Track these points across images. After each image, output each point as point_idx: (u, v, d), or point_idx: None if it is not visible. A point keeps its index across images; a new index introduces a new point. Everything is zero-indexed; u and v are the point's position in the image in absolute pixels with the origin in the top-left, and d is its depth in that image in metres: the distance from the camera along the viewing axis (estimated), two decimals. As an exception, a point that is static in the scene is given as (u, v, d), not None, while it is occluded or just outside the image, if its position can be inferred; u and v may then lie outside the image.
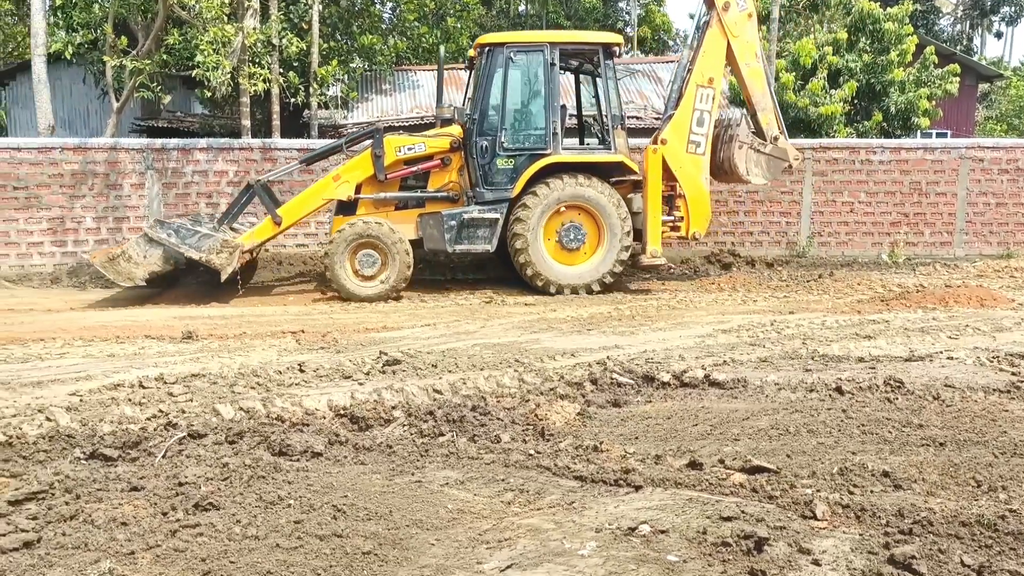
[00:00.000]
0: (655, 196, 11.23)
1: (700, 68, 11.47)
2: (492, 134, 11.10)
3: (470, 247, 11.12)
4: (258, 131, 18.00)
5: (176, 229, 10.53)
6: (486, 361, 6.82)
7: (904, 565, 3.08)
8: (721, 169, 11.90)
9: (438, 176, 11.34)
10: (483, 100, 11.14)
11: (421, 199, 11.30)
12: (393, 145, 11.17)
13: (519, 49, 11.17)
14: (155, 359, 7.00)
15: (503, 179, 11.13)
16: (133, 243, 10.58)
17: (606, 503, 3.83)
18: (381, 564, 3.24)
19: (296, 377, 6.26)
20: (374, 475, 4.22)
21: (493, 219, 11.05)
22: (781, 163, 11.89)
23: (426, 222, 11.14)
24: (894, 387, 5.77)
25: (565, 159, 11.08)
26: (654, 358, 6.84)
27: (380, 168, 11.08)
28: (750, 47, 11.65)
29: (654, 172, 11.19)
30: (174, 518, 3.57)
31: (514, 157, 11.12)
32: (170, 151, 13.55)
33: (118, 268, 10.26)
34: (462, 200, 11.26)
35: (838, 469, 4.16)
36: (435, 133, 11.48)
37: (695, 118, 11.42)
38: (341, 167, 11.32)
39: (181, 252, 10.34)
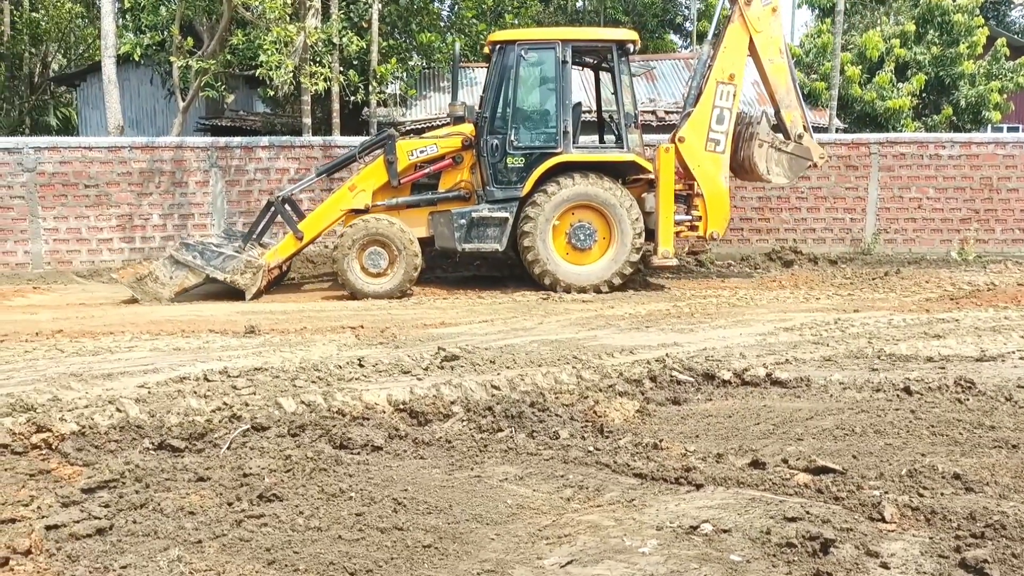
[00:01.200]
0: (667, 196, 11.00)
1: (721, 64, 11.24)
2: (503, 132, 11.02)
3: (480, 246, 11.06)
4: (318, 129, 18.25)
5: (201, 251, 10.74)
6: (544, 357, 6.81)
7: (976, 569, 2.99)
8: (741, 168, 11.68)
9: (450, 175, 11.31)
10: (494, 98, 11.08)
11: (432, 200, 11.28)
12: (405, 150, 11.16)
13: (531, 47, 11.05)
14: (219, 353, 7.14)
15: (513, 178, 11.03)
16: (160, 264, 10.83)
17: (667, 501, 3.79)
18: (441, 557, 3.26)
19: (356, 372, 6.33)
20: (434, 469, 4.25)
21: (503, 218, 10.97)
22: (804, 162, 11.61)
23: (437, 220, 11.12)
24: (965, 387, 5.61)
25: (576, 158, 10.95)
26: (714, 356, 6.76)
27: (394, 174, 11.08)
28: (774, 42, 11.38)
29: (666, 171, 10.97)
30: (239, 508, 3.63)
31: (524, 156, 11.02)
32: (233, 149, 13.82)
33: (145, 288, 10.54)
34: (473, 199, 11.23)
35: (907, 471, 4.06)
36: (446, 132, 11.44)
37: (715, 115, 11.20)
38: (356, 176, 11.34)
39: (206, 273, 10.58)
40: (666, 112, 18.96)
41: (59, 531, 3.38)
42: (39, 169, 13.26)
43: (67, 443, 4.53)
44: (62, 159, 13.35)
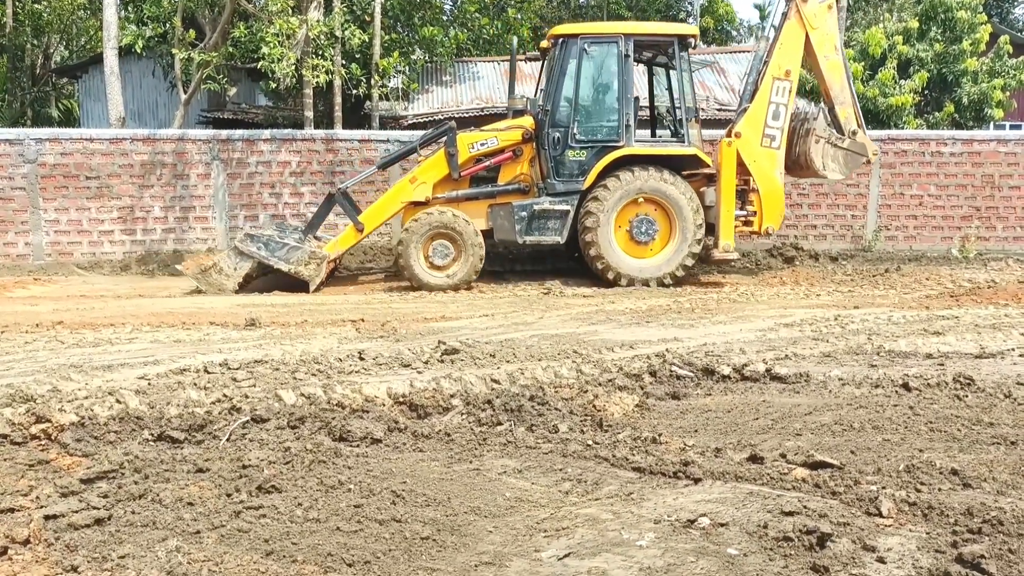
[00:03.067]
0: (729, 190, 11.04)
1: (777, 60, 11.25)
2: (564, 126, 11.05)
3: (540, 238, 11.11)
4: (320, 122, 18.24)
5: (266, 242, 10.80)
6: (544, 352, 6.81)
7: (973, 564, 3.00)
8: (796, 164, 11.67)
9: (509, 168, 11.33)
10: (556, 91, 11.09)
11: (492, 193, 11.30)
12: (466, 142, 11.18)
13: (593, 40, 11.09)
14: (219, 345, 7.15)
15: (575, 171, 11.07)
16: (224, 256, 10.92)
17: (665, 495, 3.80)
18: (439, 549, 3.27)
19: (356, 365, 6.34)
20: (432, 462, 4.26)
21: (564, 211, 11.02)
22: (859, 158, 11.60)
23: (497, 213, 11.16)
24: (964, 384, 5.61)
25: (638, 151, 10.99)
26: (714, 351, 6.76)
27: (455, 167, 11.10)
28: (829, 39, 11.38)
29: (728, 166, 11.01)
30: (238, 499, 3.64)
31: (586, 149, 11.05)
32: (235, 142, 13.82)
33: (210, 279, 10.65)
34: (533, 191, 11.24)
35: (904, 466, 4.06)
36: (507, 125, 11.47)
37: (770, 111, 11.21)
38: (417, 169, 11.36)
39: (271, 265, 10.67)
40: (668, 107, 18.93)
41: (58, 521, 3.39)
42: (40, 160, 13.26)
43: (66, 434, 4.54)
44: (63, 151, 13.35)
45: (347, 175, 13.76)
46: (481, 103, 19.45)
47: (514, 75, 11.96)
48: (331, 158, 13.81)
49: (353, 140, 14.04)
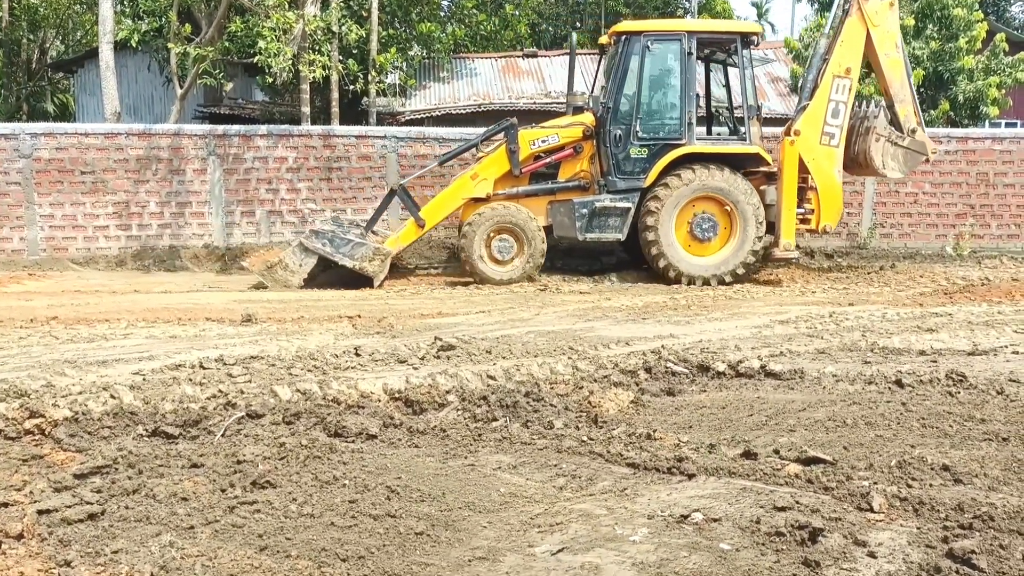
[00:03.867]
0: (791, 189, 11.04)
1: (838, 58, 11.20)
2: (626, 123, 11.08)
3: (601, 235, 11.15)
4: (317, 118, 18.22)
5: (331, 239, 10.89)
6: (540, 348, 6.83)
7: (963, 560, 3.01)
8: (855, 162, 11.62)
9: (569, 165, 11.36)
10: (618, 89, 11.12)
11: (552, 190, 11.35)
12: (527, 139, 11.21)
13: (657, 38, 11.10)
14: (215, 341, 7.15)
15: (636, 168, 11.08)
16: (290, 252, 10.97)
17: (658, 490, 3.81)
18: (433, 545, 3.28)
19: (352, 361, 6.35)
20: (428, 458, 4.27)
21: (625, 208, 11.04)
22: (919, 157, 11.57)
23: (557, 210, 11.19)
24: (956, 381, 5.63)
25: (700, 150, 11.00)
26: (709, 348, 6.78)
27: (516, 163, 11.13)
28: (890, 37, 11.38)
29: (790, 164, 11.00)
30: (232, 495, 3.65)
31: (648, 146, 11.07)
32: (231, 137, 13.80)
33: (275, 276, 10.74)
34: (593, 188, 11.27)
35: (896, 462, 4.08)
36: (568, 122, 11.49)
37: (830, 109, 11.19)
38: (478, 166, 11.37)
39: (335, 261, 10.76)
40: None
41: (51, 516, 3.40)
42: (35, 155, 13.24)
43: (60, 429, 4.54)
44: (58, 145, 13.32)
45: (344, 171, 13.76)
46: (478, 99, 19.45)
47: (573, 71, 12.01)
48: (328, 154, 13.80)
49: (350, 136, 14.03)
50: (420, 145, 13.93)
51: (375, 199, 13.79)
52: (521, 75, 20.75)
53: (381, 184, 13.79)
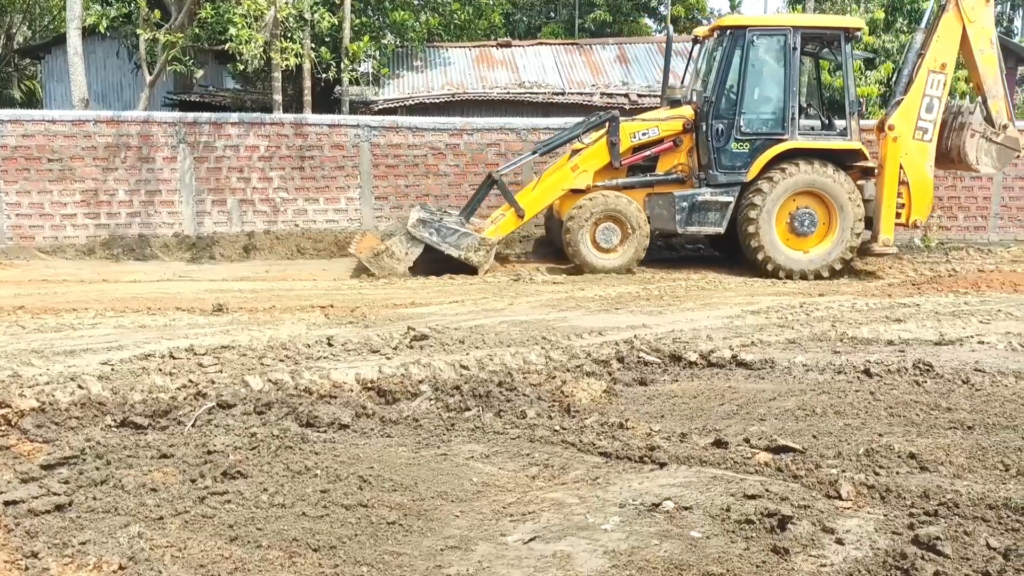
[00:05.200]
0: (891, 184, 11.07)
1: (933, 53, 11.23)
2: (728, 117, 11.08)
3: (700, 228, 11.24)
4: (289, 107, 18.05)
5: (437, 228, 10.93)
6: (513, 338, 6.83)
7: (928, 546, 3.06)
8: (947, 157, 11.68)
9: (668, 158, 11.39)
10: (720, 83, 11.13)
11: (651, 182, 11.37)
12: (628, 131, 11.23)
13: (762, 32, 11.11)
14: (185, 331, 7.09)
15: (737, 162, 11.09)
16: (396, 241, 10.99)
17: (630, 479, 3.84)
18: (405, 534, 3.27)
19: (324, 350, 6.31)
20: (400, 447, 4.26)
21: (725, 202, 11.08)
22: (1012, 152, 11.66)
23: (655, 202, 11.21)
24: (923, 370, 5.71)
25: (802, 145, 11.03)
26: (681, 338, 6.82)
27: (616, 156, 11.15)
28: (985, 33, 11.44)
29: (892, 160, 11.05)
30: (202, 485, 3.62)
31: (749, 141, 11.08)
32: (202, 125, 13.63)
33: (382, 263, 10.78)
34: (690, 182, 11.30)
35: (864, 450, 4.14)
36: (667, 116, 11.52)
37: (924, 104, 11.22)
38: (579, 157, 11.34)
39: (442, 250, 10.79)
40: (639, 96, 18.96)
41: (17, 507, 3.36)
42: (2, 142, 13.00)
43: (27, 419, 4.48)
44: (25, 132, 13.09)
45: (316, 160, 13.65)
46: (452, 89, 19.36)
47: (668, 65, 12.07)
48: (300, 143, 13.68)
49: (323, 125, 13.90)
50: (393, 134, 13.84)
51: (348, 188, 13.71)
52: (495, 65, 20.67)
53: (354, 173, 13.71)
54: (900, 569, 2.93)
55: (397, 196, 13.85)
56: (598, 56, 21.13)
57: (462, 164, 13.96)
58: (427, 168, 13.88)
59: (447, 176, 13.93)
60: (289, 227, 13.46)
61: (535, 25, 27.95)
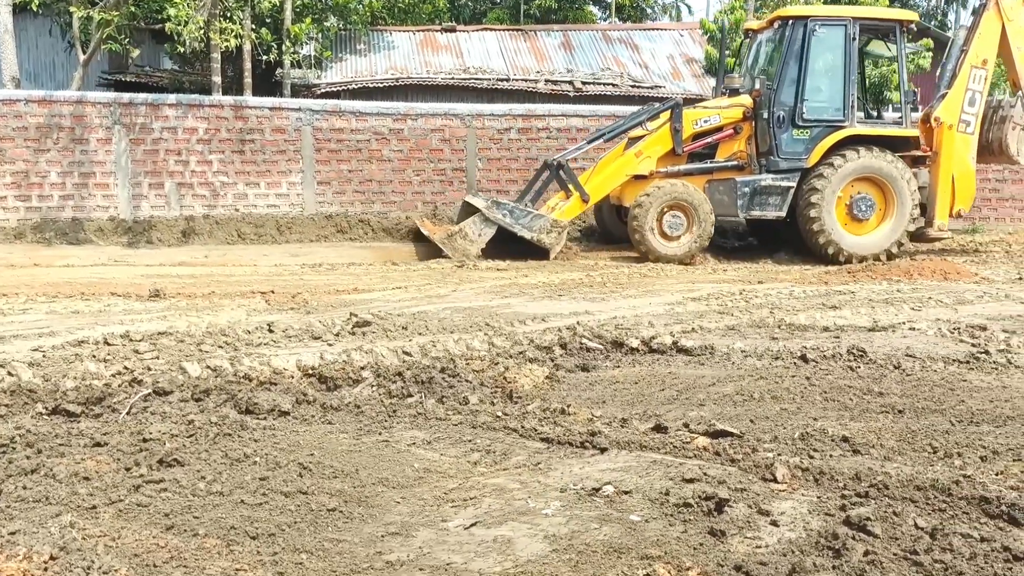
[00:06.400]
0: (947, 171, 11.48)
1: (975, 49, 11.69)
2: (790, 105, 11.31)
3: (762, 214, 11.45)
4: (229, 89, 17.71)
5: (511, 210, 11.06)
6: (456, 324, 6.83)
7: (859, 526, 3.14)
8: (987, 150, 12.10)
9: (728, 145, 11.60)
10: (782, 71, 11.33)
11: (711, 169, 11.55)
12: (691, 119, 11.45)
13: (823, 22, 11.36)
14: (121, 317, 6.94)
15: (798, 149, 11.35)
16: (470, 223, 11.09)
17: (571, 464, 3.87)
18: (346, 521, 3.26)
19: (265, 337, 6.23)
20: (341, 434, 4.23)
21: (786, 187, 11.31)
22: None
23: (715, 188, 11.39)
24: (857, 356, 5.85)
25: (862, 132, 11.36)
26: (624, 324, 6.88)
27: (679, 142, 11.36)
28: (1023, 32, 11.85)
29: (948, 148, 11.47)
30: (137, 473, 3.55)
31: (810, 128, 11.34)
32: (138, 106, 13.31)
33: (455, 245, 10.90)
34: (749, 168, 11.49)
35: (799, 434, 4.23)
36: (728, 103, 11.72)
37: (967, 98, 11.66)
38: (642, 143, 11.49)
39: (514, 231, 10.87)
40: (583, 83, 19.03)
41: (-56, 497, 3.25)
42: (-74, 122, 12.55)
43: (-46, 408, 4.34)
44: (-49, 112, 12.64)
45: (257, 144, 13.43)
46: (396, 73, 19.20)
47: (723, 55, 12.42)
48: (240, 126, 13.45)
49: (264, 108, 13.69)
50: (336, 119, 13.70)
51: (289, 173, 13.54)
52: (439, 49, 20.56)
53: (296, 158, 13.54)
54: (832, 549, 3.00)
55: (340, 181, 13.72)
56: (543, 42, 21.16)
57: (406, 150, 13.89)
58: (370, 153, 13.78)
59: (391, 161, 13.85)
60: (229, 212, 13.25)
61: (480, 10, 27.84)
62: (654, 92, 18.87)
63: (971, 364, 5.74)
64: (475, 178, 14.14)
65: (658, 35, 22.24)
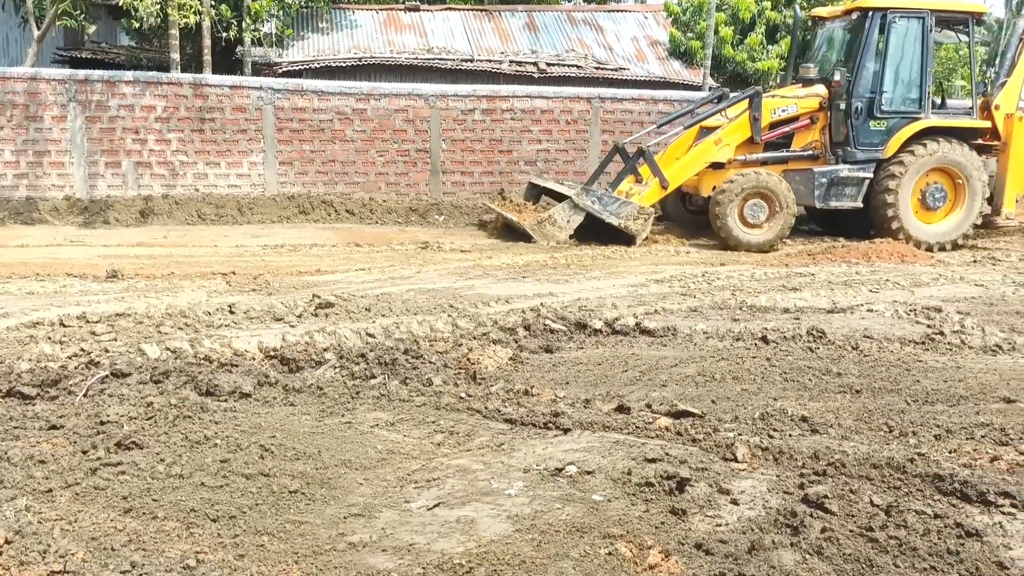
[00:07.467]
0: (1018, 161, 11.67)
1: None
2: (868, 96, 11.41)
3: (839, 203, 11.56)
4: (188, 67, 17.38)
5: (599, 197, 11.09)
6: (420, 306, 6.80)
7: (817, 504, 3.20)
8: None
9: (803, 135, 11.70)
10: (861, 62, 11.39)
11: (787, 158, 11.64)
12: (769, 107, 11.48)
13: (902, 14, 11.45)
14: (77, 298, 6.81)
15: (875, 140, 11.46)
16: (559, 209, 11.10)
17: (535, 445, 3.88)
18: (308, 503, 3.24)
19: (226, 318, 6.16)
20: (304, 416, 4.20)
21: (863, 178, 11.42)
22: None
23: (792, 178, 11.42)
24: (816, 337, 5.93)
25: (938, 124, 11.48)
26: (587, 306, 6.91)
27: (757, 131, 11.40)
28: None
29: (1019, 138, 11.64)
30: (95, 456, 3.51)
31: (887, 119, 11.46)
32: (94, 83, 13.02)
33: (544, 231, 10.91)
34: (823, 158, 11.61)
35: (760, 414, 4.29)
36: (805, 93, 11.78)
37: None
38: (722, 131, 11.49)
39: (602, 218, 10.85)
40: (547, 64, 18.97)
41: None
42: None
43: (-96, 390, 4.25)
44: (-101, 87, 12.28)
45: (217, 123, 13.21)
46: (359, 52, 18.97)
47: (794, 45, 12.69)
48: (200, 104, 13.22)
49: (224, 86, 13.46)
50: (298, 98, 13.52)
51: (251, 152, 13.36)
52: (403, 29, 20.34)
53: (258, 137, 13.36)
54: (790, 527, 3.05)
55: (302, 161, 13.57)
56: (507, 23, 21.03)
57: (369, 130, 13.76)
58: (333, 133, 13.64)
59: (354, 142, 13.72)
60: (189, 192, 13.05)
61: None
62: (618, 74, 18.87)
63: (926, 345, 5.85)
64: (439, 159, 14.06)
65: (622, 17, 22.20)
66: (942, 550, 2.91)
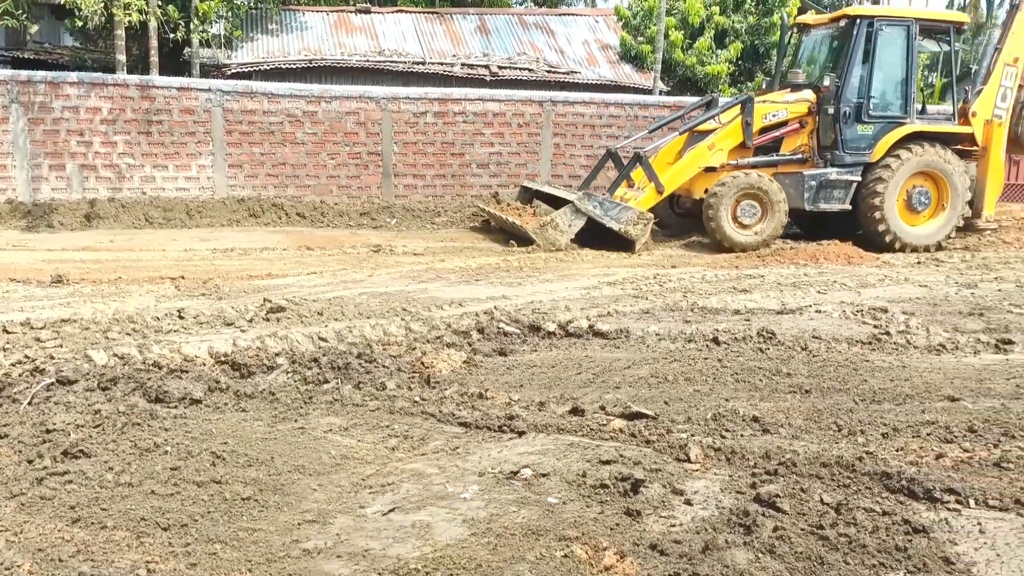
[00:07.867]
0: (996, 165, 12.05)
1: (1009, 48, 12.21)
2: (856, 101, 11.62)
3: (827, 206, 11.76)
4: (135, 68, 17.09)
5: (601, 202, 11.06)
6: (373, 310, 6.76)
7: (769, 503, 3.25)
8: (1018, 143, 12.74)
9: (792, 139, 11.87)
10: (848, 68, 11.60)
11: (777, 162, 11.81)
12: (761, 113, 11.62)
13: (888, 22, 11.72)
14: (21, 303, 6.65)
15: (862, 144, 11.67)
16: (560, 214, 11.04)
17: (490, 448, 3.88)
18: (261, 509, 3.21)
19: (175, 323, 6.06)
20: (256, 422, 4.16)
21: (851, 181, 11.64)
22: None
23: (781, 181, 11.54)
24: (766, 338, 6.03)
25: (922, 128, 11.78)
26: (540, 308, 6.93)
27: (749, 136, 11.55)
28: None
29: (997, 143, 12.03)
30: (41, 466, 3.43)
31: (874, 124, 11.69)
32: (37, 84, 12.73)
33: (546, 235, 10.88)
34: (811, 162, 11.78)
35: (712, 415, 4.34)
36: (794, 99, 11.94)
37: (1000, 94, 12.17)
38: (715, 136, 11.59)
39: (604, 223, 10.86)
40: (499, 68, 19.00)
41: None
42: None
43: None
44: None
45: (165, 125, 13.00)
46: (309, 55, 18.82)
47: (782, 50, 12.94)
48: (147, 106, 12.99)
49: (171, 88, 13.24)
50: (248, 100, 13.35)
51: (199, 155, 13.17)
52: (354, 31, 20.23)
53: (206, 140, 13.17)
54: (743, 526, 3.10)
55: (252, 164, 13.41)
56: (459, 26, 21.03)
57: (320, 132, 13.65)
58: (284, 136, 13.50)
59: (305, 145, 13.60)
60: (136, 195, 12.81)
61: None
62: (570, 78, 18.98)
63: (873, 345, 5.98)
64: (391, 162, 13.99)
65: (573, 20, 22.33)
66: (891, 546, 2.98)
